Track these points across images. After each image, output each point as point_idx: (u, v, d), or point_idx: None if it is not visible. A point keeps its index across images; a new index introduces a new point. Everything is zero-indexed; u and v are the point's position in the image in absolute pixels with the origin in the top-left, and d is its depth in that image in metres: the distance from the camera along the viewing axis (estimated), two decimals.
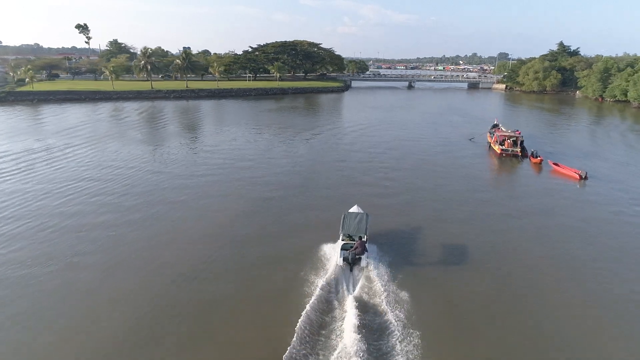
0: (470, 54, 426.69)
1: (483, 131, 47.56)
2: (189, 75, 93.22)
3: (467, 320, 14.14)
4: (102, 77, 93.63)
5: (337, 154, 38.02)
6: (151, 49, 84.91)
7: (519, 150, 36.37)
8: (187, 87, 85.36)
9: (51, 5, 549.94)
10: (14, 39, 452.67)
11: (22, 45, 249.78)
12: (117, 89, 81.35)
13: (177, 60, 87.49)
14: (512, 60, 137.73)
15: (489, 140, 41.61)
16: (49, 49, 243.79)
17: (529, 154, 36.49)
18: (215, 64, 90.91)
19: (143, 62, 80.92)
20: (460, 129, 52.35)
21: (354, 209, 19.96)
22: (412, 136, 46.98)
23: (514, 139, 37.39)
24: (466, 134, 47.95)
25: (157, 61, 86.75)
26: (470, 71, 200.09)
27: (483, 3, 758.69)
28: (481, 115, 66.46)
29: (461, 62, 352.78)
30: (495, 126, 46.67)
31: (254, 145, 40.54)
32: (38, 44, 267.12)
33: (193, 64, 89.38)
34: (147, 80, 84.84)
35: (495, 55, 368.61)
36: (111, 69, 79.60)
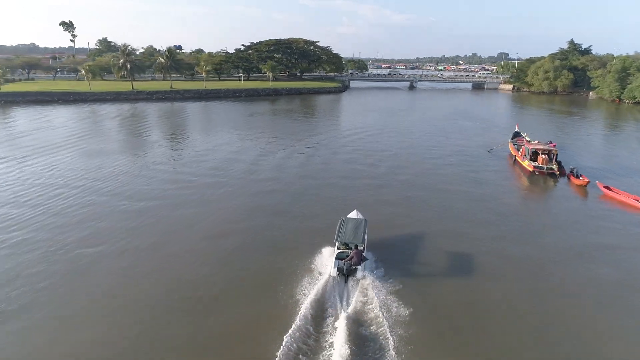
0: (470, 54, 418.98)
1: (501, 139, 40.01)
2: (174, 75, 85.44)
3: (474, 346, 11.89)
4: (77, 76, 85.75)
5: (329, 168, 30.33)
6: (133, 47, 77.07)
7: (556, 168, 28.59)
8: (171, 87, 77.60)
9: (51, 5, 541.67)
10: (12, 39, 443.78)
11: (19, 45, 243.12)
12: (95, 89, 73.66)
13: (160, 59, 79.35)
14: (513, 59, 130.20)
15: (514, 153, 33.86)
16: (45, 48, 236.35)
17: (567, 172, 28.79)
18: (203, 63, 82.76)
19: (122, 60, 72.92)
20: (474, 136, 44.61)
21: (353, 214, 18.05)
22: (418, 145, 39.29)
23: (548, 152, 29.62)
24: (482, 143, 40.25)
25: (138, 60, 78.64)
26: (472, 71, 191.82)
27: (481, 3, 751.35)
28: (494, 120, 58.89)
29: (461, 62, 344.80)
30: (517, 135, 39.00)
31: (232, 156, 32.84)
32: (34, 44, 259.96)
33: (177, 62, 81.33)
34: (128, 81, 76.97)
35: (495, 55, 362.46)
36: (87, 67, 71.67)
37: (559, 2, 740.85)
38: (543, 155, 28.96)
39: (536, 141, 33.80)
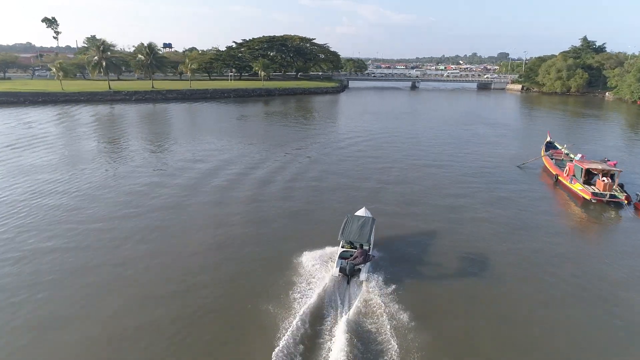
0: (470, 54, 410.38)
1: (530, 150, 32.69)
2: (161, 75, 77.91)
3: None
4: (47, 75, 78.04)
5: (313, 192, 22.60)
6: (110, 43, 68.87)
7: (624, 196, 20.91)
8: (152, 87, 69.96)
9: (51, 5, 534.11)
10: (10, 38, 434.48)
11: (16, 44, 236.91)
12: (68, 89, 66.12)
13: (140, 56, 71.49)
14: (514, 59, 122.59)
15: (553, 171, 26.28)
16: (41, 47, 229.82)
17: (635, 200, 21.16)
18: (187, 61, 74.92)
19: (97, 57, 65.17)
20: (493, 145, 36.97)
21: (361, 211, 16.53)
22: (428, 156, 31.70)
23: (607, 173, 21.97)
24: (506, 155, 32.73)
25: (115, 57, 70.69)
26: (473, 70, 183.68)
27: (481, 3, 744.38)
28: (511, 124, 51.31)
29: (461, 62, 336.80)
30: (550, 146, 31.39)
31: (191, 175, 25.10)
32: (30, 43, 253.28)
33: (160, 60, 73.43)
34: (105, 80, 69.43)
35: (495, 55, 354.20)
36: (58, 65, 63.89)
37: (559, 2, 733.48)
38: (604, 179, 21.21)
39: (579, 155, 26.30)
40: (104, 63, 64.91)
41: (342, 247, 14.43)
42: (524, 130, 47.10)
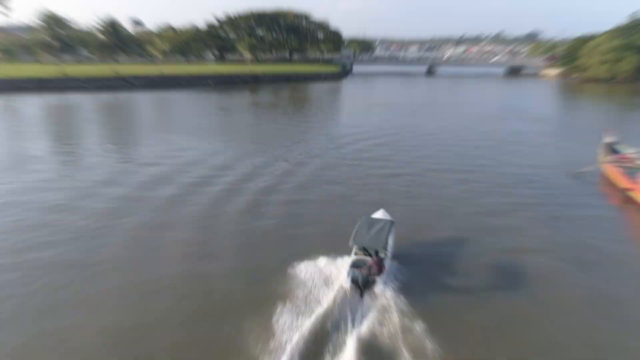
0: (495, 33, 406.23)
1: (584, 152, 29.06)
2: (121, 56, 74.07)
3: None
4: None
5: (296, 224, 18.83)
6: (60, 17, 65.25)
7: None
8: (117, 73, 66.44)
9: None
10: None
11: None
12: (11, 75, 62.74)
13: (100, 35, 67.85)
14: (548, 40, 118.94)
15: (622, 184, 22.50)
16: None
17: None
18: (158, 41, 71.30)
19: (47, 36, 61.57)
20: (538, 147, 33.11)
21: (379, 214, 15.99)
22: (455, 162, 27.79)
23: None
24: (556, 160, 28.94)
25: (69, 37, 67.03)
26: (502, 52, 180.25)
27: None
28: (558, 120, 47.68)
29: (483, 42, 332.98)
30: (612, 148, 27.67)
31: (138, 185, 21.30)
32: None
33: (124, 40, 69.71)
34: (58, 64, 65.76)
35: (524, 35, 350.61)
36: None
37: None
38: None
39: None
40: (56, 44, 61.34)
41: (355, 254, 13.91)
42: (572, 127, 43.36)
